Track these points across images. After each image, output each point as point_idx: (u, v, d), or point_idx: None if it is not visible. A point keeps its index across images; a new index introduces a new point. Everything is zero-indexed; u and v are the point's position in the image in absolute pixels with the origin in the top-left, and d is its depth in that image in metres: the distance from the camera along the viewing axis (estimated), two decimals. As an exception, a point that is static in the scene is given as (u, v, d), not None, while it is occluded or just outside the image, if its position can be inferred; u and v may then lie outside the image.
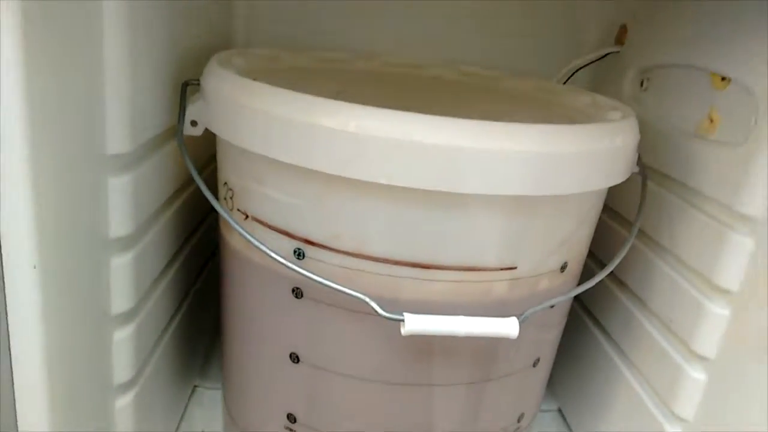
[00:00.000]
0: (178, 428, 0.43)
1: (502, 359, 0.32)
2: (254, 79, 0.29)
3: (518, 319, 0.28)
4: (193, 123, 0.33)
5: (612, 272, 0.33)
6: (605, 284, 0.45)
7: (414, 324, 0.27)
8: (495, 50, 0.53)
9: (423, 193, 0.26)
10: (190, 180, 0.38)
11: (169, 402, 0.41)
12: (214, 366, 0.49)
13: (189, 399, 0.46)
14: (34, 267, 0.22)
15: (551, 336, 0.35)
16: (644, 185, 0.37)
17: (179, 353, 0.42)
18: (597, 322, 0.46)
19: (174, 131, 0.34)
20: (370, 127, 0.25)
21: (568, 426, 0.48)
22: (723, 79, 0.35)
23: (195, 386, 0.48)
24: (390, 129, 0.25)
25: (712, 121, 0.36)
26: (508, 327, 0.28)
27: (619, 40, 0.48)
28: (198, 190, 0.31)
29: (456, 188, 0.26)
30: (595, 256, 0.45)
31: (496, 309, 0.30)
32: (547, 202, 0.29)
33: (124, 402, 0.32)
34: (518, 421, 0.36)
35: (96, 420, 0.30)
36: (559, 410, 0.50)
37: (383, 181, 0.26)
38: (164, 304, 0.37)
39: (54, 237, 0.23)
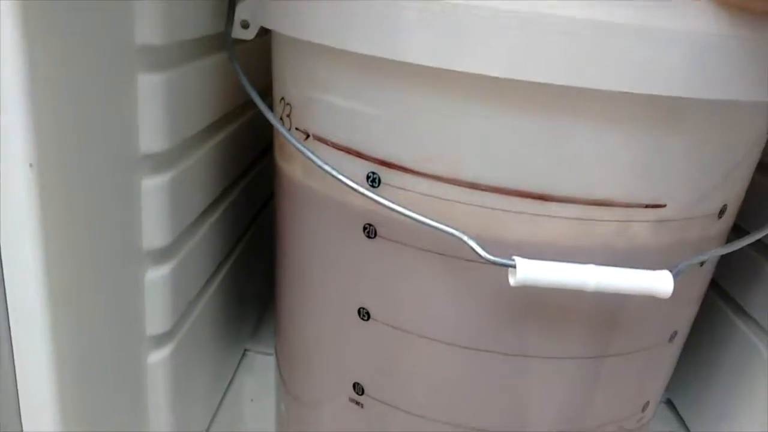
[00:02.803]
0: (224, 396, 0.38)
1: (636, 329, 0.25)
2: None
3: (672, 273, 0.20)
4: (244, 24, 0.27)
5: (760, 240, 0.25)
6: (745, 253, 0.36)
7: (528, 271, 0.20)
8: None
9: (537, 96, 0.19)
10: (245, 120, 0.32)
11: (214, 365, 0.36)
12: (268, 329, 0.44)
13: (238, 364, 0.41)
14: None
15: (693, 303, 0.27)
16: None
17: (228, 311, 0.36)
18: (729, 298, 0.37)
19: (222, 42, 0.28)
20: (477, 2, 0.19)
21: (682, 421, 0.40)
22: None
23: (246, 350, 0.42)
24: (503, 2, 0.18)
25: None
26: (659, 282, 0.20)
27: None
28: (260, 113, 0.25)
29: (579, 82, 0.19)
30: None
31: (634, 260, 0.22)
32: (711, 112, 0.21)
33: (158, 357, 0.26)
34: (642, 410, 0.28)
35: (124, 376, 0.25)
36: (669, 401, 0.42)
37: (489, 71, 0.19)
38: (208, 248, 0.31)
39: (75, 161, 0.18)
